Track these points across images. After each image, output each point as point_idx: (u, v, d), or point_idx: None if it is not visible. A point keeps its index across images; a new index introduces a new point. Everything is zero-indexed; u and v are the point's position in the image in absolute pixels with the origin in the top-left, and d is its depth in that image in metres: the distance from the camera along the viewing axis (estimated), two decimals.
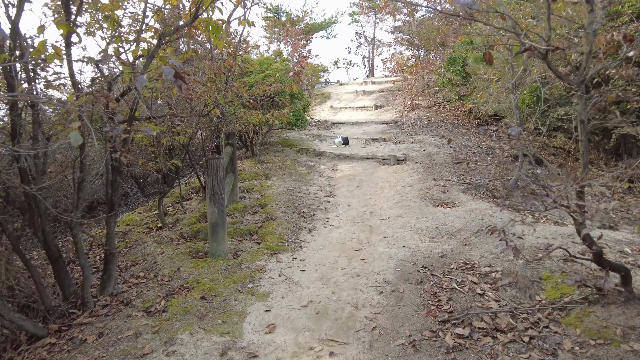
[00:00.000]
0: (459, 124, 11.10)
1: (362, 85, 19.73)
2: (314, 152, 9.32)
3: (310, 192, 6.91)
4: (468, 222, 5.03)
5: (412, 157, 8.12)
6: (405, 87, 13.63)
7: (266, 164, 8.54)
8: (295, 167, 8.43)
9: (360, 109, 14.89)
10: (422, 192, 6.33)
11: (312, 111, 15.92)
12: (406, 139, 9.85)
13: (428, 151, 8.35)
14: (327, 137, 11.22)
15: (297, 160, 8.90)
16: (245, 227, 5.26)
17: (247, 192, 6.83)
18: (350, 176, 7.64)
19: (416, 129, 10.74)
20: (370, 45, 28.22)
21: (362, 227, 5.26)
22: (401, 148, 8.98)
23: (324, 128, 12.68)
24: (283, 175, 7.79)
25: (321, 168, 8.42)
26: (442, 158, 7.74)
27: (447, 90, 10.86)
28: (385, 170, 7.70)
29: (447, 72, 10.53)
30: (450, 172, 7.01)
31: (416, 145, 9.12)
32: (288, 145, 10.27)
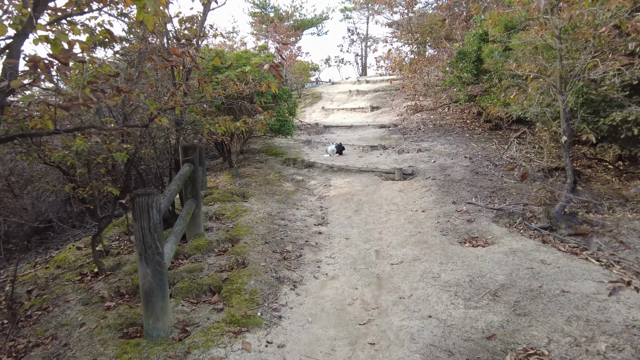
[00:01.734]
0: (468, 128, 9.73)
1: (355, 84, 18.33)
2: (303, 163, 7.88)
3: (297, 218, 5.45)
4: (513, 272, 3.62)
5: (421, 170, 6.71)
6: (405, 87, 12.24)
7: (245, 179, 7.07)
8: (280, 182, 6.97)
9: (355, 111, 13.47)
10: (441, 220, 4.92)
11: (301, 113, 14.48)
12: (410, 147, 8.45)
13: (439, 163, 6.95)
14: (318, 144, 9.77)
15: (282, 173, 7.44)
16: (205, 280, 3.79)
17: (216, 220, 5.36)
18: (346, 195, 6.20)
19: (420, 134, 9.34)
20: (363, 43, 26.88)
21: (367, 277, 3.83)
22: (406, 158, 7.57)
23: (314, 132, 11.23)
24: (264, 194, 6.33)
25: (311, 184, 6.97)
26: (458, 172, 6.33)
27: (456, 89, 9.49)
28: (390, 187, 6.27)
29: (456, 68, 9.16)
30: (472, 192, 5.60)
31: (424, 154, 7.71)
32: (273, 154, 8.80)
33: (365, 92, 15.51)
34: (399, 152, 8.14)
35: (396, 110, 12.00)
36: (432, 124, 10.09)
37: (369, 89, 15.76)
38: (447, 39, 10.55)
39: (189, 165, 4.51)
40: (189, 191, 4.70)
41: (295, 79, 16.82)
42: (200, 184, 4.82)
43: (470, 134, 9.09)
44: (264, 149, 9.22)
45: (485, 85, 8.31)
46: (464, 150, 7.75)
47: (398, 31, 13.85)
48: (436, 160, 7.16)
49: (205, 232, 4.88)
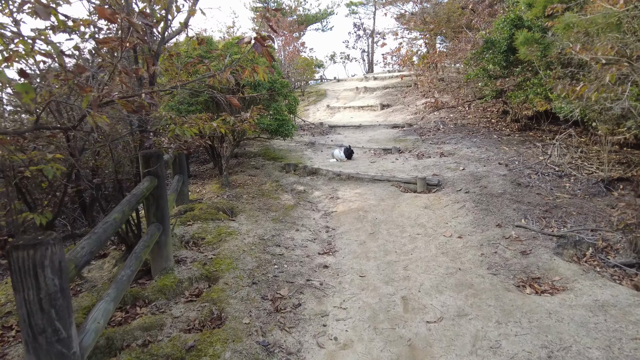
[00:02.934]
0: (494, 128, 8.53)
1: (362, 81, 17.15)
2: (305, 170, 6.71)
3: (297, 243, 4.29)
4: (614, 345, 2.44)
5: (449, 180, 5.52)
6: (420, 82, 11.05)
7: (236, 189, 5.92)
8: (278, 194, 5.81)
9: (363, 109, 12.29)
10: (485, 251, 3.73)
11: (304, 112, 13.33)
12: (431, 150, 7.26)
13: (470, 171, 5.75)
14: (323, 146, 8.61)
15: (281, 182, 6.28)
16: (163, 348, 2.64)
17: (193, 246, 4.22)
18: (358, 212, 5.03)
19: (440, 136, 8.15)
20: (370, 39, 25.70)
21: (394, 344, 2.65)
22: (428, 164, 6.38)
23: (319, 133, 10.07)
24: (257, 209, 5.17)
25: (315, 196, 5.80)
26: (496, 183, 5.14)
27: (481, 84, 8.29)
28: (412, 202, 5.09)
29: (482, 60, 7.95)
30: (519, 210, 4.41)
31: (448, 160, 6.52)
32: (271, 159, 7.65)
33: (374, 89, 14.33)
34: (418, 157, 6.96)
35: (410, 109, 10.80)
36: (453, 124, 8.89)
37: (377, 86, 14.58)
38: (468, 27, 9.35)
39: (150, 179, 3.36)
40: (153, 213, 3.55)
41: (299, 75, 15.66)
42: (167, 203, 3.67)
43: (499, 135, 7.89)
44: (261, 152, 8.07)
45: (518, 78, 7.10)
46: (496, 154, 6.55)
47: (411, 22, 12.64)
48: (465, 167, 5.97)
49: (176, 266, 3.74)
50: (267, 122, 5.49)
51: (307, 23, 26.95)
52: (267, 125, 5.50)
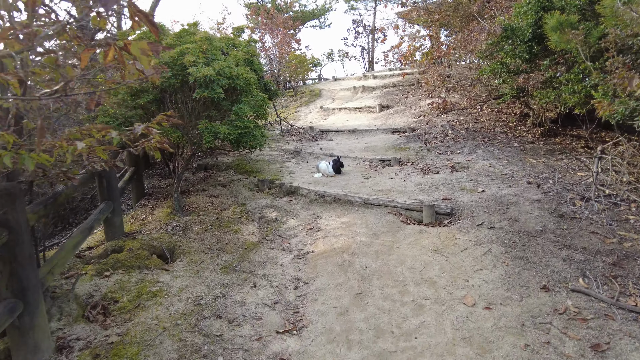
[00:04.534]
0: (514, 134, 7.16)
1: (361, 80, 15.80)
2: (282, 189, 5.36)
3: (248, 314, 2.94)
4: None
5: (465, 207, 4.15)
6: (424, 80, 9.69)
7: (189, 216, 4.58)
8: (241, 224, 4.47)
9: (360, 110, 10.94)
10: (531, 339, 2.37)
11: (295, 114, 11.99)
12: (439, 162, 5.89)
13: (492, 193, 4.38)
14: (309, 155, 7.26)
15: (249, 205, 4.94)
16: None
17: (99, 315, 2.87)
18: (342, 254, 3.67)
19: (450, 143, 6.78)
20: (370, 36, 24.36)
21: None
22: (436, 183, 5.01)
23: (307, 139, 8.72)
24: (205, 251, 3.83)
25: (289, 227, 4.45)
26: (531, 215, 3.76)
27: (497, 81, 6.92)
28: (417, 240, 3.72)
29: (499, 52, 6.58)
30: (571, 260, 3.04)
31: (462, 176, 5.15)
32: (244, 172, 6.31)
33: (373, 89, 12.97)
34: (423, 172, 5.59)
35: (413, 110, 9.43)
36: (464, 129, 7.52)
37: (377, 85, 13.22)
38: (481, 15, 7.98)
39: None
40: (5, 284, 2.24)
41: (290, 73, 14.32)
42: (33, 269, 2.33)
43: (520, 143, 6.52)
44: (235, 163, 6.73)
45: (547, 73, 5.72)
46: (521, 169, 5.19)
47: (413, 13, 11.27)
48: (485, 187, 4.60)
49: (57, 356, 2.42)
50: (223, 131, 4.15)
51: (303, 20, 25.68)
52: (225, 134, 4.16)
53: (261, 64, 8.58)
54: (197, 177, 6.38)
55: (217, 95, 4.13)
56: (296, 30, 22.16)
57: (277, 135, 9.24)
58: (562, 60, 5.67)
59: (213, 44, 4.61)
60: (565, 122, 7.44)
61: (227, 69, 4.31)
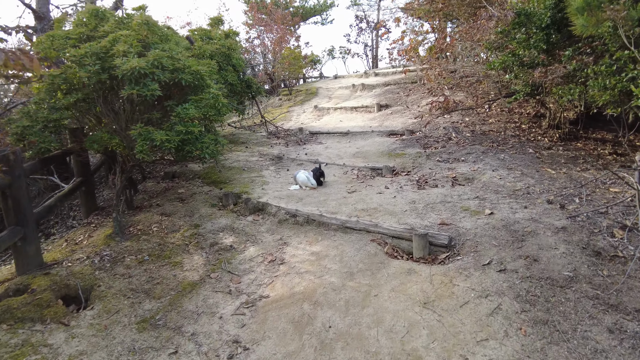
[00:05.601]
0: (527, 138, 6.19)
1: (362, 77, 14.87)
2: (248, 205, 4.46)
3: None
4: None
5: (468, 236, 3.22)
6: (426, 77, 8.73)
7: (128, 242, 3.71)
8: (186, 253, 3.59)
9: (357, 110, 10.01)
10: None
11: (287, 114, 11.10)
12: (439, 172, 4.95)
13: (503, 217, 3.44)
14: (292, 162, 6.36)
15: (202, 228, 4.05)
16: None
17: None
18: (302, 304, 2.77)
19: (453, 148, 5.83)
20: (373, 32, 23.39)
21: None
22: (432, 200, 4.07)
23: (295, 142, 7.81)
24: (127, 294, 2.95)
25: (245, 258, 3.55)
26: (555, 250, 2.82)
27: (509, 76, 5.94)
28: (402, 286, 2.80)
29: (511, 41, 5.61)
30: (621, 331, 2.10)
31: (466, 192, 4.20)
32: (212, 183, 5.43)
33: (373, 87, 12.04)
34: (419, 185, 4.65)
35: (413, 110, 8.48)
36: (470, 131, 6.56)
37: (377, 83, 12.28)
38: (489, 1, 7.00)
39: None
40: None
41: (284, 69, 13.42)
42: None
43: (536, 149, 5.55)
44: (204, 172, 5.85)
45: (570, 65, 4.75)
46: (538, 182, 4.23)
47: (415, 2, 10.30)
48: (495, 208, 3.65)
49: None
50: (159, 138, 3.26)
51: (305, 16, 24.83)
52: (161, 142, 3.28)
53: (242, 59, 7.70)
54: (159, 188, 5.52)
55: (151, 92, 3.24)
56: (296, 26, 21.29)
57: (262, 138, 8.35)
58: (589, 50, 4.70)
59: (154, 30, 3.72)
60: (587, 124, 6.45)
61: (166, 59, 3.42)
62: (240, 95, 7.52)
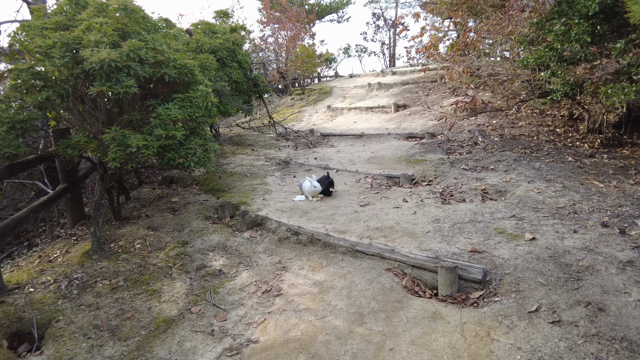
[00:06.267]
0: (564, 143, 5.49)
1: (378, 76, 14.23)
2: (245, 219, 3.92)
3: None
4: None
5: (507, 269, 2.60)
6: (448, 75, 8.06)
7: (104, 262, 3.21)
8: (167, 278, 3.06)
9: (372, 110, 9.39)
10: None
11: (298, 114, 10.56)
12: (465, 183, 4.31)
13: (549, 244, 2.81)
14: (299, 168, 5.80)
15: (191, 244, 3.52)
16: None
17: None
18: (298, 353, 2.21)
19: (480, 155, 5.18)
20: (391, 30, 22.68)
21: None
22: (460, 219, 3.45)
23: (303, 145, 7.26)
24: (93, 329, 2.44)
25: (236, 285, 2.99)
26: (624, 291, 2.19)
27: (545, 73, 5.26)
28: (425, 337, 2.21)
29: (548, 34, 4.92)
30: None
31: (499, 209, 3.56)
32: (210, 191, 4.92)
33: (390, 86, 11.40)
34: (443, 198, 4.02)
35: (433, 111, 7.83)
36: (498, 135, 5.89)
37: (394, 82, 11.63)
38: None
39: None
40: None
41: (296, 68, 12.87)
42: None
43: (576, 157, 4.86)
44: (203, 177, 5.34)
45: (624, 59, 4.05)
46: (585, 198, 3.57)
47: None
48: (536, 231, 3.02)
49: None
50: (135, 143, 2.75)
51: (320, 14, 24.29)
52: (138, 149, 2.76)
53: (249, 55, 7.18)
54: (154, 195, 5.04)
55: (125, 90, 2.72)
56: (311, 24, 20.76)
57: (270, 140, 7.83)
58: None
59: (135, 17, 3.20)
60: (633, 127, 5.71)
61: (145, 51, 2.90)
62: (247, 94, 7.00)
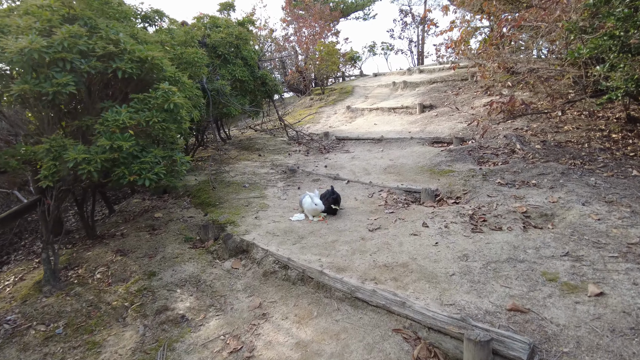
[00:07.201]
0: (624, 152, 4.54)
1: (404, 75, 13.34)
2: (228, 244, 3.26)
3: None
4: None
5: (564, 346, 1.82)
6: (481, 72, 7.17)
7: (52, 297, 2.64)
8: (117, 324, 2.43)
9: (395, 111, 8.59)
10: None
11: (316, 115, 9.88)
12: (502, 204, 3.48)
13: (625, 305, 2.00)
14: (307, 177, 5.10)
15: (158, 277, 2.90)
16: None
17: None
18: None
19: (519, 165, 4.31)
20: (419, 27, 21.63)
21: None
22: (496, 255, 2.66)
23: (316, 150, 6.56)
24: None
25: (198, 339, 2.32)
26: None
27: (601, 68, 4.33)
28: None
29: (607, 18, 4.01)
30: None
31: (547, 241, 2.74)
32: (200, 204, 4.31)
33: (416, 85, 10.52)
34: (474, 224, 3.22)
35: (463, 112, 6.95)
36: (540, 142, 4.99)
37: (421, 80, 10.74)
38: None
39: None
40: None
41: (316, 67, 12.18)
42: None
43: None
44: (197, 187, 4.75)
45: None
46: None
47: None
48: (603, 283, 2.20)
49: None
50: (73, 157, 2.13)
51: (345, 11, 23.55)
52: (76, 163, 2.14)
53: (255, 51, 6.54)
54: (141, 207, 4.48)
55: (57, 89, 2.11)
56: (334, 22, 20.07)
57: (281, 144, 7.18)
58: None
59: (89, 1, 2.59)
60: None
61: (87, 40, 2.28)
62: (254, 94, 6.37)
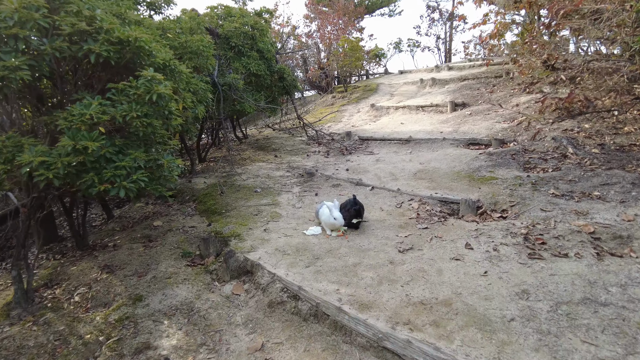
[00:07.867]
0: None
1: (432, 72, 12.62)
2: (230, 264, 2.77)
3: None
4: None
5: None
6: (518, 67, 6.45)
7: (17, 325, 2.20)
8: None
9: (424, 110, 7.94)
10: None
11: (338, 113, 9.34)
12: (561, 220, 2.85)
13: None
14: (325, 182, 4.56)
15: (145, 301, 2.42)
16: None
17: None
18: None
19: (575, 173, 3.65)
20: (447, 23, 20.76)
21: None
22: (566, 294, 2.04)
23: (337, 151, 6.02)
24: None
25: None
26: None
27: None
28: None
29: None
30: None
31: (635, 275, 2.12)
32: (205, 211, 3.84)
33: (446, 82, 9.82)
34: (530, 248, 2.60)
35: (502, 111, 6.26)
36: (596, 145, 4.28)
37: (451, 77, 10.03)
38: None
39: None
40: None
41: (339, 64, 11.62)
42: None
43: None
44: (204, 192, 4.29)
45: None
46: None
47: None
48: None
49: None
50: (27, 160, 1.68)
51: (371, 8, 22.90)
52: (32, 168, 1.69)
53: (272, 43, 6.05)
54: (142, 213, 4.06)
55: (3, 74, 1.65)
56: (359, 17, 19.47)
57: (300, 144, 6.67)
58: None
59: None
60: None
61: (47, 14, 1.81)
62: (270, 89, 5.88)
